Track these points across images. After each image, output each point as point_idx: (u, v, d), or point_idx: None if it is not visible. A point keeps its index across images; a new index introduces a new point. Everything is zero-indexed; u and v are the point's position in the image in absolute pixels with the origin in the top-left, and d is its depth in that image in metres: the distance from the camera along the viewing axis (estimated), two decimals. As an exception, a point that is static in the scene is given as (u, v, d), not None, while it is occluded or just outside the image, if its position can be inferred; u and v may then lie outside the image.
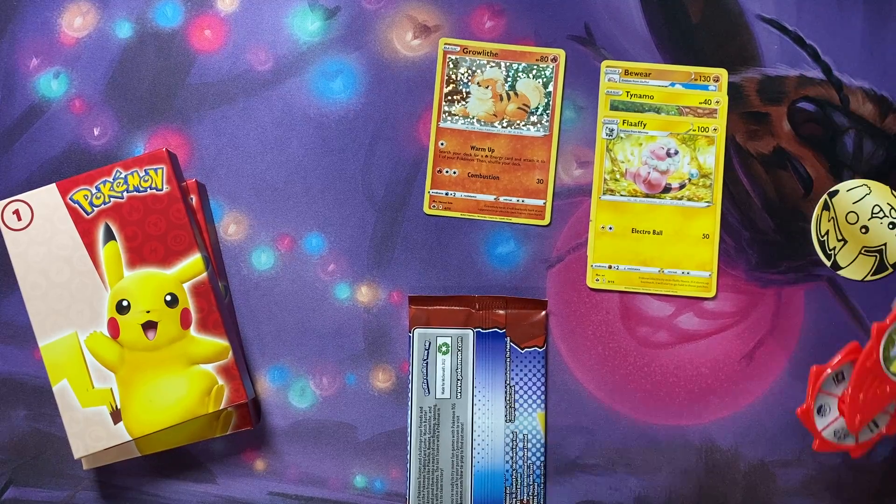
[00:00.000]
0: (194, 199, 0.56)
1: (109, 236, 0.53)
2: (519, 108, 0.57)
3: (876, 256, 0.56)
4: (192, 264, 0.53)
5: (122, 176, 0.54)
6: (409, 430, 0.55)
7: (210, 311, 0.53)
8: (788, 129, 0.57)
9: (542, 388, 0.56)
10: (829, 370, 0.49)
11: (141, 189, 0.54)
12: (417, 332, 0.56)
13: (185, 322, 0.53)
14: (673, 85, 0.57)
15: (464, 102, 0.57)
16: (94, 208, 0.53)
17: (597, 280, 0.56)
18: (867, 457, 0.55)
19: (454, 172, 0.57)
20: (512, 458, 0.55)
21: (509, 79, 0.57)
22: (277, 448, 0.56)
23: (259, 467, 0.56)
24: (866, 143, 0.57)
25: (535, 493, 0.55)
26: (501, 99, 0.57)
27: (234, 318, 0.57)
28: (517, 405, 0.56)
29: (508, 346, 0.56)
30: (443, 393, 0.56)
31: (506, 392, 0.56)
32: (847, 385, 0.49)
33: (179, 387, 0.53)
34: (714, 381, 0.56)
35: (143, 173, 0.54)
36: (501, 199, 0.57)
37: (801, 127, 0.57)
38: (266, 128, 0.57)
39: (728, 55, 0.57)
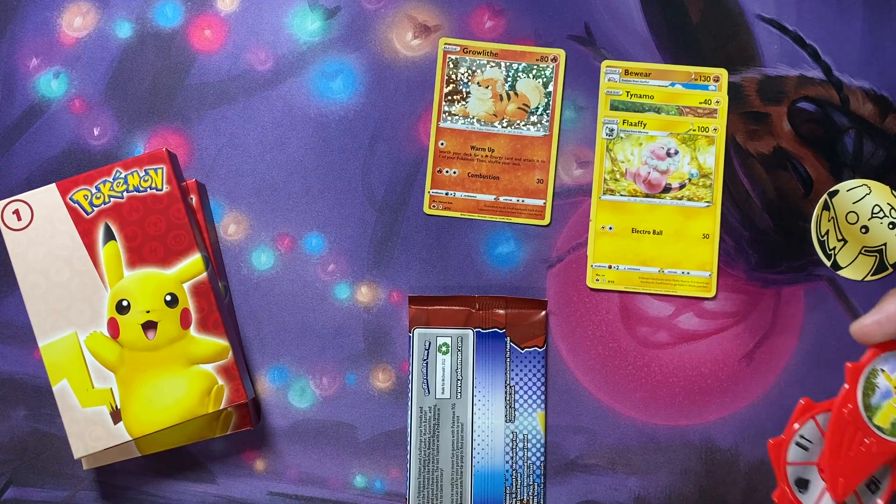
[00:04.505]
0: (194, 199, 0.56)
1: (109, 236, 0.53)
2: (519, 108, 0.57)
3: (876, 256, 0.56)
4: (192, 264, 0.53)
5: (122, 176, 0.54)
6: (409, 430, 0.55)
7: (210, 311, 0.53)
8: (788, 129, 0.57)
9: (542, 388, 0.56)
10: (788, 440, 0.42)
11: (141, 189, 0.54)
12: (417, 332, 0.56)
13: (185, 322, 0.53)
14: (673, 85, 0.57)
15: (464, 102, 0.57)
16: (94, 208, 0.53)
17: (597, 280, 0.56)
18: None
19: (454, 172, 0.57)
20: (512, 458, 0.55)
21: (509, 79, 0.57)
22: (277, 448, 0.56)
23: (259, 467, 0.56)
24: (866, 143, 0.57)
25: (535, 493, 0.55)
26: (501, 99, 0.57)
27: (234, 318, 0.57)
28: (517, 405, 0.56)
29: (508, 346, 0.56)
30: (443, 393, 0.56)
31: (506, 392, 0.56)
32: (822, 446, 0.41)
33: (179, 387, 0.53)
34: (714, 381, 0.56)
35: (143, 173, 0.54)
36: (501, 199, 0.57)
37: (801, 127, 0.57)
38: (266, 128, 0.57)
39: (728, 55, 0.57)
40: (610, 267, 0.57)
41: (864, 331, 0.41)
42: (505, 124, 0.57)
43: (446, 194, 0.57)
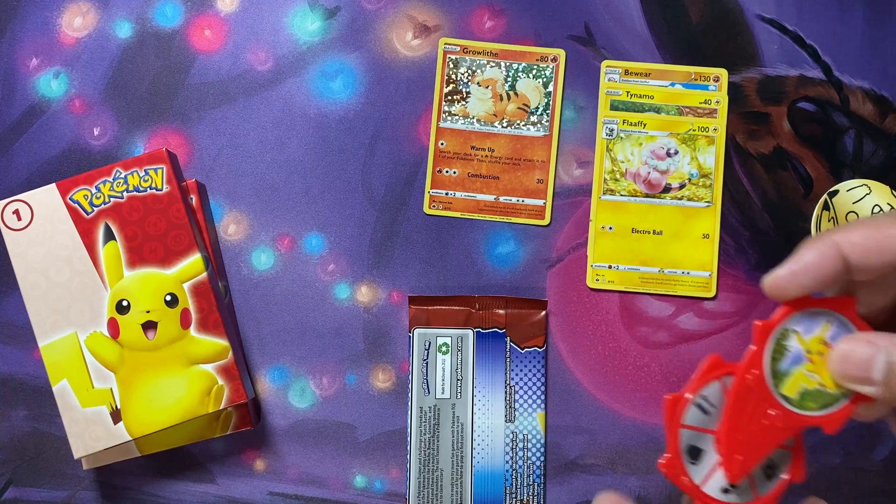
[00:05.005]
0: (194, 199, 0.56)
1: (109, 236, 0.53)
2: (519, 108, 0.57)
3: (876, 256, 0.56)
4: (192, 264, 0.53)
5: (122, 176, 0.54)
6: (409, 430, 0.55)
7: (210, 311, 0.53)
8: (788, 129, 0.57)
9: (542, 388, 0.56)
10: (688, 397, 0.35)
11: (141, 189, 0.54)
12: (417, 332, 0.56)
13: (185, 322, 0.53)
14: (673, 85, 0.57)
15: (464, 102, 0.57)
16: (94, 208, 0.53)
17: (597, 280, 0.56)
18: (868, 458, 0.55)
19: (454, 172, 0.57)
20: (512, 458, 0.55)
21: (509, 79, 0.57)
22: (277, 448, 0.56)
23: (259, 467, 0.56)
24: (866, 143, 0.57)
25: (535, 493, 0.55)
26: (501, 99, 0.57)
27: (234, 318, 0.57)
28: (517, 405, 0.56)
29: (508, 346, 0.56)
30: (443, 393, 0.56)
31: (506, 392, 0.56)
32: (721, 414, 0.35)
33: (179, 387, 0.53)
34: (714, 381, 0.56)
35: (143, 173, 0.54)
36: (501, 199, 0.57)
37: (801, 127, 0.57)
38: (266, 128, 0.57)
39: (728, 55, 0.57)
40: (610, 267, 0.57)
41: (777, 283, 0.34)
42: (505, 124, 0.57)
43: (446, 194, 0.57)
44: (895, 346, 0.32)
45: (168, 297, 0.53)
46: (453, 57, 0.57)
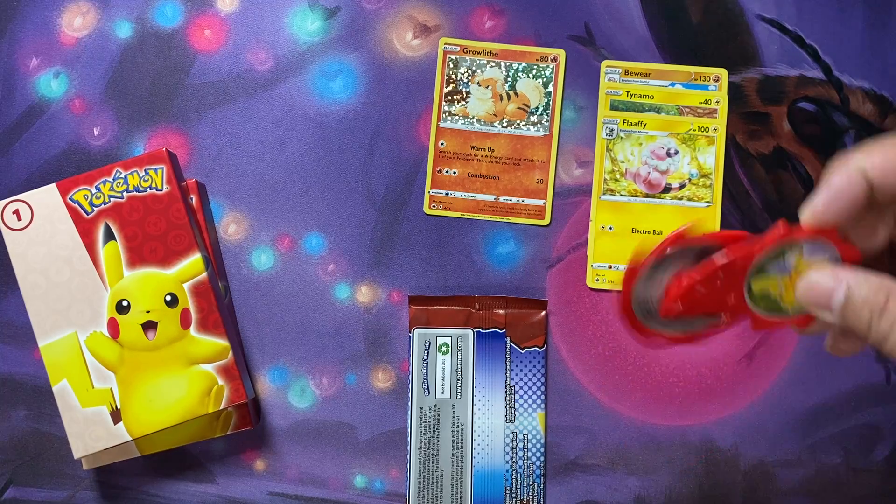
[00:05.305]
0: (194, 199, 0.56)
1: (109, 236, 0.53)
2: (519, 108, 0.57)
3: (876, 256, 0.56)
4: (192, 264, 0.53)
5: (122, 176, 0.54)
6: (409, 430, 0.55)
7: (210, 311, 0.53)
8: (788, 129, 0.57)
9: (542, 388, 0.56)
10: (668, 251, 0.39)
11: (141, 189, 0.54)
12: (417, 332, 0.56)
13: (185, 322, 0.53)
14: (673, 85, 0.57)
15: (464, 102, 0.57)
16: (94, 208, 0.53)
17: (597, 280, 0.56)
18: (868, 458, 0.55)
19: (454, 172, 0.57)
20: (512, 458, 0.55)
21: (509, 79, 0.57)
22: (277, 448, 0.56)
23: (259, 467, 0.56)
24: (866, 143, 0.57)
25: (535, 493, 0.55)
26: (501, 99, 0.57)
27: (234, 318, 0.57)
28: (517, 405, 0.56)
29: (508, 346, 0.56)
30: (443, 393, 0.56)
31: (506, 392, 0.56)
32: (696, 266, 0.38)
33: (179, 387, 0.53)
34: (714, 381, 0.56)
35: (143, 173, 0.54)
36: (501, 199, 0.57)
37: (801, 127, 0.57)
38: (266, 128, 0.57)
39: (728, 55, 0.57)
40: (610, 267, 0.57)
41: (815, 215, 0.37)
42: (505, 124, 0.57)
43: (446, 194, 0.57)
44: (855, 281, 0.36)
45: (168, 297, 0.53)
46: (453, 57, 0.57)
